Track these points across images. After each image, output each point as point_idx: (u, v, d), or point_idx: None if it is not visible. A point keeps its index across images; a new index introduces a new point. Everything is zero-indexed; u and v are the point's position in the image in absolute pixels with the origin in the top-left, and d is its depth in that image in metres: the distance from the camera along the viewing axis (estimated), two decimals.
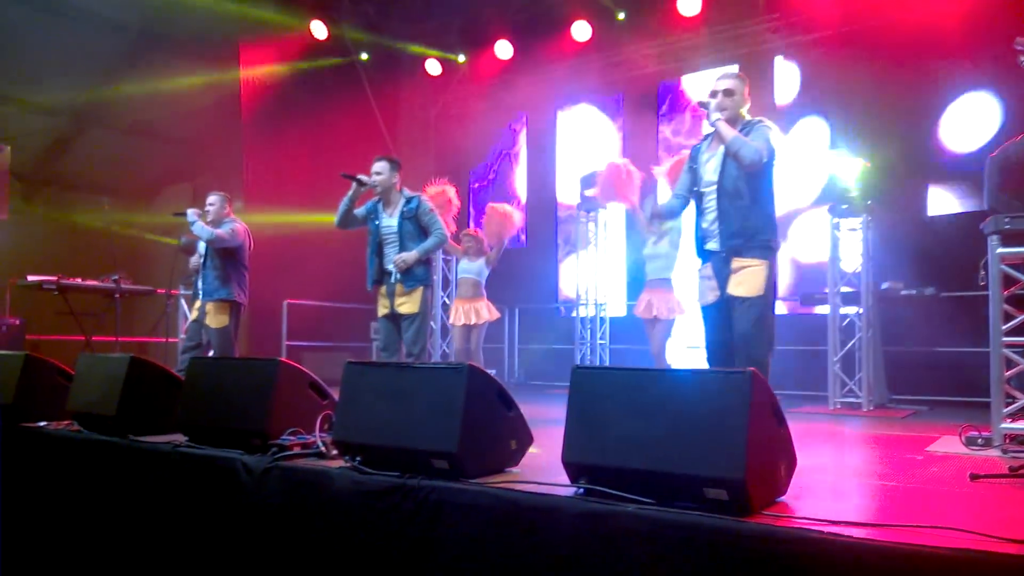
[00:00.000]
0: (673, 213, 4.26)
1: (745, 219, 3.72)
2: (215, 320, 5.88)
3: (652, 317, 6.13)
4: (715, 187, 3.83)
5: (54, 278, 7.03)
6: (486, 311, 7.06)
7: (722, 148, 3.82)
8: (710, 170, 3.89)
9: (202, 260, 5.98)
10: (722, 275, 3.79)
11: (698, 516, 2.03)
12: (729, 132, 3.75)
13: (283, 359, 3.30)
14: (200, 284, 5.99)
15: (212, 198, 6.08)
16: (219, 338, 5.88)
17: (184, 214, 5.91)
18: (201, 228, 5.82)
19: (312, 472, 2.88)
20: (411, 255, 4.98)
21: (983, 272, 4.05)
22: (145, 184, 9.15)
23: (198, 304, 6.02)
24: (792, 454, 2.35)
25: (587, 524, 2.18)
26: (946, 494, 2.56)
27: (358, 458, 2.80)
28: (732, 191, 3.76)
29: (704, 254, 3.93)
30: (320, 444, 3.10)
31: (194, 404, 3.54)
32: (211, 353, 5.97)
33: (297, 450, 3.10)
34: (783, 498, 2.29)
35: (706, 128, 4.05)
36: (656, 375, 2.33)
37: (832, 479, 2.83)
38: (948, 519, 1.94)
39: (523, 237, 10.39)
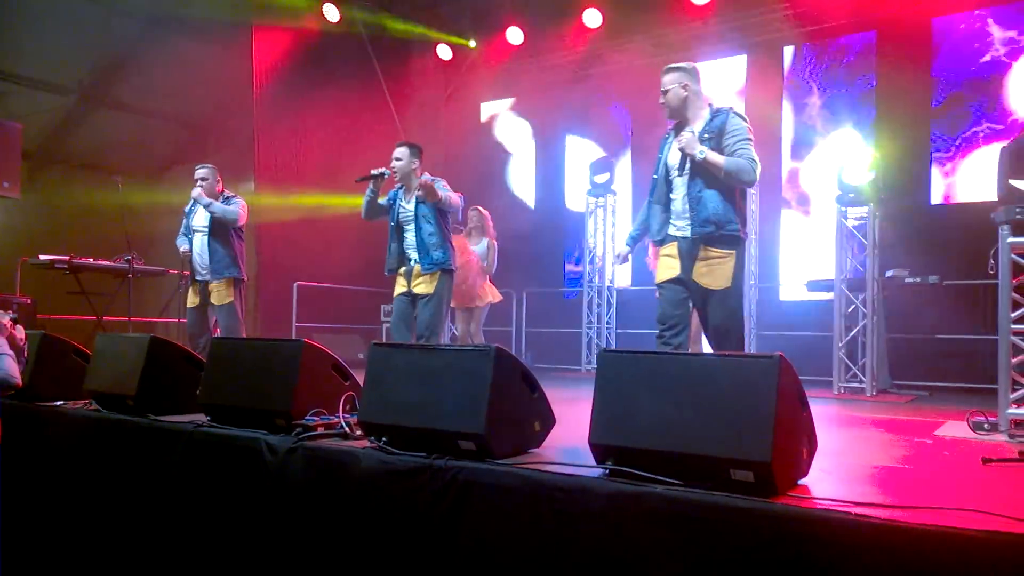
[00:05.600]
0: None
1: (716, 208, 3.71)
2: (222, 297, 5.78)
3: None
4: (686, 175, 3.80)
5: (66, 257, 7.02)
6: (488, 294, 7.06)
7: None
8: (675, 159, 3.86)
9: (204, 238, 5.81)
10: (687, 258, 3.78)
11: (726, 497, 2.07)
12: (718, 160, 3.69)
13: (308, 340, 3.34)
14: (206, 263, 5.81)
15: (204, 172, 5.84)
16: (228, 315, 5.78)
17: (198, 200, 5.73)
18: (224, 210, 5.73)
19: (338, 452, 2.92)
20: (431, 184, 4.92)
21: (993, 261, 4.10)
22: (155, 165, 9.17)
23: (196, 288, 5.87)
24: (814, 437, 2.41)
25: (614, 504, 2.22)
26: (961, 477, 2.62)
27: (384, 439, 2.85)
28: (704, 180, 3.74)
29: (668, 237, 3.89)
30: (344, 425, 3.14)
31: (216, 384, 3.57)
32: (218, 333, 5.91)
33: (321, 431, 3.15)
34: (804, 480, 2.34)
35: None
36: (683, 359, 2.38)
37: (848, 462, 2.89)
38: (967, 501, 1.99)
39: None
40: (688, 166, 3.79)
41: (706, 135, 3.79)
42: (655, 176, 4.00)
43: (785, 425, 2.14)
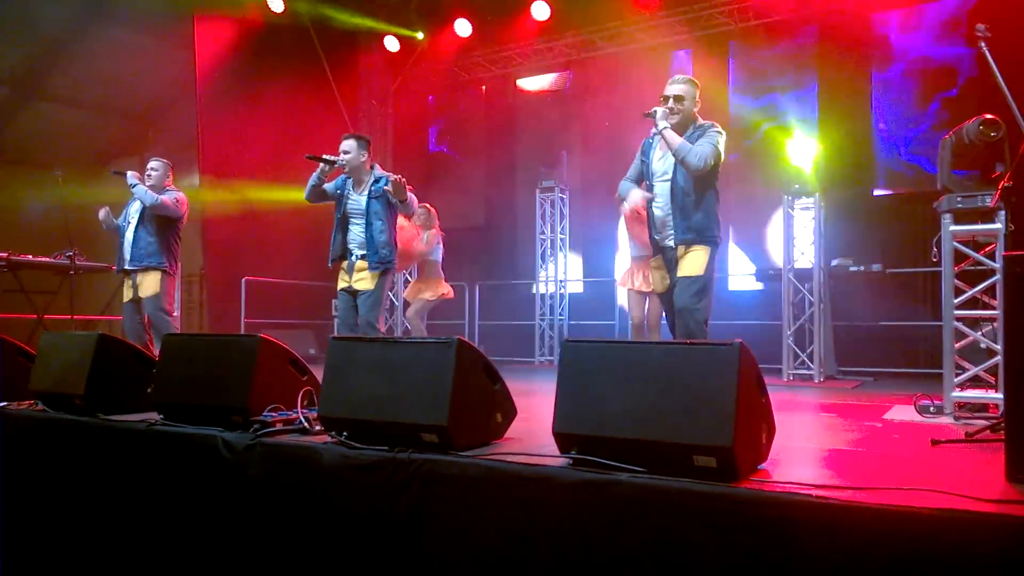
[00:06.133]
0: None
1: (694, 217, 4.06)
2: (147, 288, 5.63)
3: (643, 291, 6.13)
4: (668, 184, 4.13)
5: (4, 255, 6.78)
6: (430, 290, 7.05)
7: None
8: (660, 167, 4.19)
9: (133, 226, 5.70)
10: (672, 263, 4.15)
11: (689, 483, 2.10)
12: (675, 140, 4.05)
13: (264, 335, 3.28)
14: (128, 252, 5.69)
15: (154, 163, 5.80)
16: (152, 307, 5.61)
17: (123, 175, 5.65)
18: (144, 192, 5.57)
19: (298, 448, 2.88)
20: (403, 182, 4.90)
21: (936, 249, 4.23)
22: (95, 158, 8.88)
23: (128, 283, 5.73)
24: (772, 422, 2.45)
25: (580, 493, 2.24)
26: (912, 459, 2.70)
27: (344, 433, 2.82)
28: (682, 190, 4.07)
29: (657, 248, 4.25)
30: (303, 420, 3.10)
31: (169, 382, 3.49)
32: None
33: (280, 426, 3.10)
34: (764, 465, 2.39)
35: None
36: (646, 348, 2.40)
37: (805, 446, 2.96)
38: (920, 481, 2.06)
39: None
40: (672, 175, 4.10)
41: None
42: (646, 181, 4.30)
43: (745, 411, 2.18)
